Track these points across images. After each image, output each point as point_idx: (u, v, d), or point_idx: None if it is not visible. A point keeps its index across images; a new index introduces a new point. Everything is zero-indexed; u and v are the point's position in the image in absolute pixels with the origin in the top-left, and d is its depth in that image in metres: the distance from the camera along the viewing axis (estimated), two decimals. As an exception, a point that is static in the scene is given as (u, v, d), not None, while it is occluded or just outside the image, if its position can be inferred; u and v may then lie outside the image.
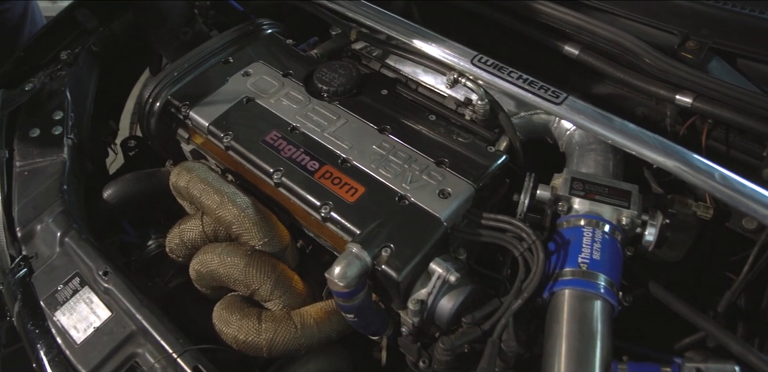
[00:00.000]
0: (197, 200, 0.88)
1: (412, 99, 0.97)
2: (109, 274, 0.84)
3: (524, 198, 0.83)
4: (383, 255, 0.75)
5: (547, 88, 0.82)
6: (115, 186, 1.00)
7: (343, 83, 0.94)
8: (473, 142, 0.88)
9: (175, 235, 0.93)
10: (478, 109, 0.89)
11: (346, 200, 0.81)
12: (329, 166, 0.85)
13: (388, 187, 0.82)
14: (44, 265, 0.88)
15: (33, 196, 0.95)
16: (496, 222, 0.80)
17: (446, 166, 0.84)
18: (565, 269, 0.75)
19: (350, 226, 0.78)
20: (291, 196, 0.85)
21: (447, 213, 0.78)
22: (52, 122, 1.02)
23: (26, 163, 0.98)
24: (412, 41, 0.92)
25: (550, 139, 0.98)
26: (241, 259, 0.82)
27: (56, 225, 0.91)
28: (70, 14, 1.12)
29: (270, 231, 0.85)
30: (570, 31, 0.90)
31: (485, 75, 0.85)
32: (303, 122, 0.91)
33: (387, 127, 0.90)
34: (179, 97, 0.98)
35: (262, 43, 1.07)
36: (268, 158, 0.87)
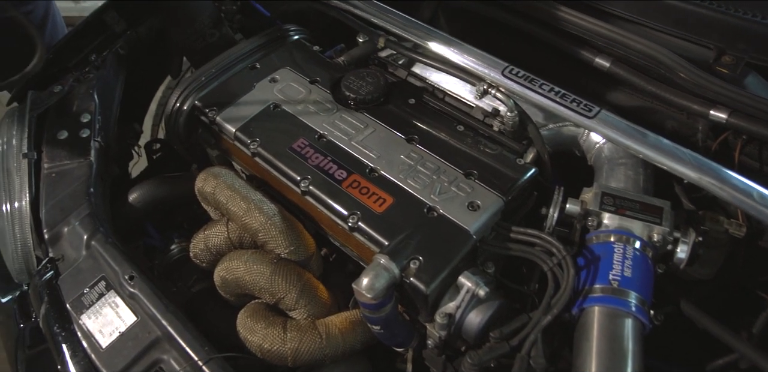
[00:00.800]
0: (223, 206, 0.88)
1: (439, 108, 0.96)
2: (134, 279, 0.84)
3: (553, 212, 0.83)
4: (411, 267, 0.74)
5: (580, 102, 0.81)
6: (140, 189, 1.00)
7: (370, 92, 0.94)
8: (502, 154, 0.87)
9: (199, 240, 0.93)
10: (507, 120, 0.89)
11: (374, 210, 0.80)
12: (357, 175, 0.85)
13: (416, 198, 0.81)
14: (71, 267, 0.89)
15: (60, 198, 0.95)
16: (526, 236, 0.79)
17: (475, 178, 0.83)
18: (595, 286, 0.74)
19: (378, 237, 0.78)
20: (318, 205, 0.85)
21: (476, 226, 0.78)
22: (79, 125, 1.03)
23: (54, 165, 0.99)
24: (442, 50, 0.92)
25: (578, 152, 0.97)
26: (267, 267, 0.82)
27: (83, 228, 0.91)
28: (99, 17, 1.13)
29: (296, 239, 0.84)
30: (602, 44, 0.89)
31: (516, 87, 0.84)
32: (330, 130, 0.91)
33: (415, 136, 0.89)
34: (206, 102, 0.98)
35: (289, 49, 1.07)
36: (295, 166, 0.87)
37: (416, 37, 0.95)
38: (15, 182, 0.98)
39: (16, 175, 0.98)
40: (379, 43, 0.99)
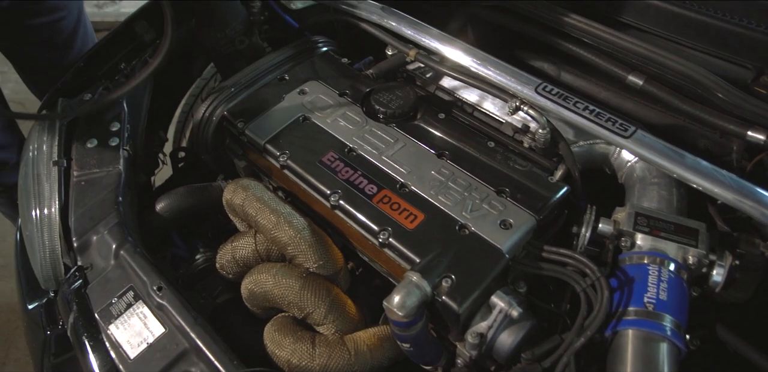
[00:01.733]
0: (252, 219, 0.88)
1: (468, 123, 0.96)
2: (163, 290, 0.84)
3: (585, 231, 0.82)
4: (443, 285, 0.74)
5: (615, 121, 0.80)
6: (168, 199, 1.01)
7: (400, 106, 0.94)
8: (533, 172, 0.86)
9: (226, 251, 0.93)
10: (538, 137, 0.88)
11: (406, 227, 0.80)
12: (387, 190, 0.84)
13: (448, 215, 0.81)
14: (99, 276, 0.89)
15: (89, 206, 0.96)
16: (558, 255, 0.79)
17: (507, 195, 0.83)
18: (630, 308, 0.73)
19: (409, 254, 0.77)
20: (347, 220, 0.84)
21: (509, 245, 0.77)
22: (109, 133, 1.04)
23: (83, 173, 1.00)
24: (473, 65, 0.91)
25: (608, 170, 0.96)
26: (296, 282, 0.81)
27: (112, 237, 0.91)
28: (129, 26, 1.14)
29: (325, 254, 0.84)
30: (636, 61, 0.88)
31: (549, 104, 0.84)
32: (360, 144, 0.91)
33: (445, 152, 0.89)
34: (235, 113, 0.98)
35: (318, 61, 1.07)
36: (325, 180, 0.87)
37: (447, 51, 0.95)
38: (45, 189, 0.98)
39: (46, 182, 0.99)
40: (409, 56, 0.99)
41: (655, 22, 0.90)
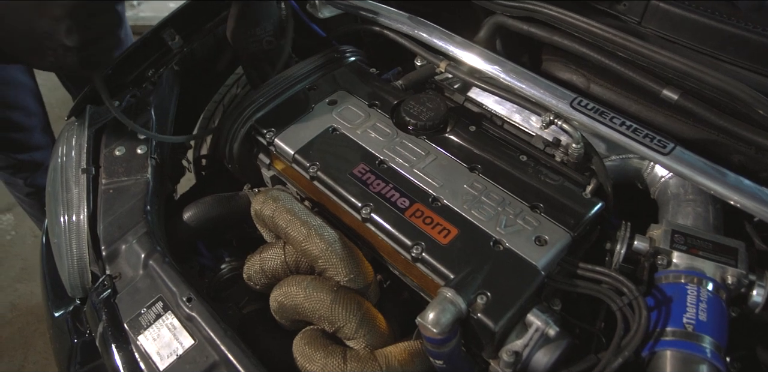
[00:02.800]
0: (282, 231, 0.88)
1: (499, 136, 0.95)
2: (192, 301, 0.84)
3: (620, 248, 0.81)
4: (479, 302, 0.73)
5: (653, 137, 0.79)
6: (195, 208, 1.01)
7: (431, 118, 0.93)
8: (567, 187, 0.85)
9: (255, 262, 0.93)
10: (572, 152, 0.87)
11: (439, 242, 0.79)
12: (420, 204, 0.84)
13: (482, 231, 0.80)
14: (128, 286, 0.89)
15: (117, 215, 0.96)
16: (594, 273, 0.78)
17: (541, 211, 0.82)
18: (668, 328, 0.72)
19: (443, 269, 0.77)
20: (378, 233, 0.84)
21: (544, 261, 0.76)
22: (136, 141, 1.04)
23: (111, 181, 1.00)
24: (506, 78, 0.91)
25: (641, 185, 0.95)
26: (328, 295, 0.81)
27: (140, 246, 0.91)
28: (157, 34, 1.14)
29: (356, 267, 0.84)
30: (671, 76, 0.87)
31: (585, 119, 0.83)
32: (391, 156, 0.90)
33: (477, 166, 0.88)
34: (264, 122, 0.98)
35: (346, 71, 1.07)
36: (356, 192, 0.86)
37: (478, 63, 0.94)
38: (73, 196, 0.98)
39: (75, 189, 0.99)
40: (440, 67, 0.99)
41: (691, 36, 0.89)
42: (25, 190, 1.59)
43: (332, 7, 1.14)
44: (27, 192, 1.60)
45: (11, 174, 1.54)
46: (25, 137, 1.50)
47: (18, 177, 1.55)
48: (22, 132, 1.48)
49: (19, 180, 1.56)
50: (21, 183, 1.56)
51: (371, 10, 1.06)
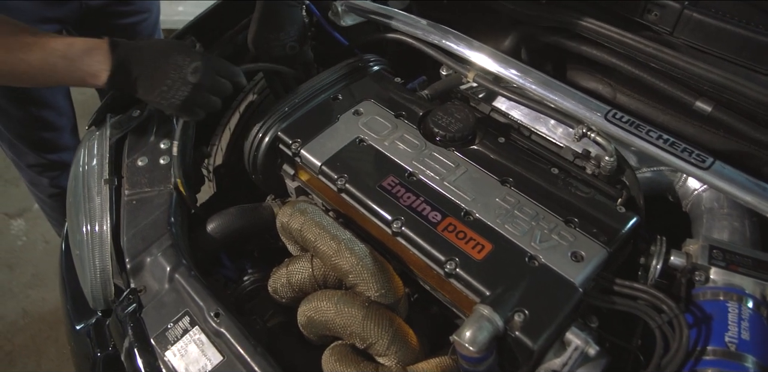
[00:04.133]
0: (311, 244, 0.86)
1: (528, 148, 0.94)
2: (221, 317, 0.82)
3: (656, 263, 0.80)
4: (516, 320, 0.71)
5: (691, 151, 0.78)
6: (219, 219, 0.99)
7: (460, 129, 0.92)
8: (601, 201, 0.84)
9: (281, 275, 0.92)
10: (605, 165, 0.86)
11: (474, 257, 0.78)
12: (452, 218, 0.82)
13: (516, 246, 0.79)
14: (153, 300, 0.88)
15: (141, 227, 0.95)
16: (631, 290, 0.76)
17: (576, 225, 0.81)
18: (709, 348, 0.71)
19: (478, 286, 0.75)
20: (410, 247, 0.82)
21: (581, 278, 0.75)
22: (159, 152, 1.03)
23: (134, 192, 0.99)
24: (537, 89, 0.89)
25: (672, 198, 0.94)
26: (359, 311, 0.79)
27: (165, 259, 0.90)
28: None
29: (387, 282, 0.82)
30: (708, 88, 0.86)
31: (620, 132, 0.82)
32: (421, 169, 0.89)
33: (509, 178, 0.87)
34: (289, 133, 0.97)
35: (371, 80, 1.06)
36: (387, 205, 0.85)
37: (507, 74, 0.93)
38: (96, 207, 0.97)
39: (98, 200, 0.98)
40: (468, 77, 0.97)
41: (725, 46, 0.87)
42: (49, 191, 1.59)
43: (355, 15, 1.13)
44: (50, 193, 1.60)
45: (38, 173, 1.54)
46: (55, 137, 1.50)
47: (44, 176, 1.55)
48: (53, 131, 1.48)
49: (45, 179, 1.56)
50: (46, 183, 1.56)
51: (396, 18, 1.05)
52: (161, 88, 0.90)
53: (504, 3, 1.05)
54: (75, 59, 0.86)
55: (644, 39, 0.88)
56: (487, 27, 1.09)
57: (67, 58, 0.86)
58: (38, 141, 1.46)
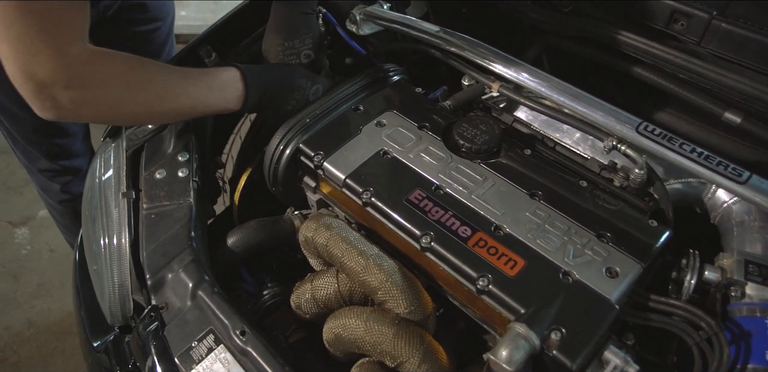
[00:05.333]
0: (338, 260, 0.85)
1: (554, 160, 0.93)
2: (246, 335, 0.81)
3: (690, 278, 0.79)
4: (553, 338, 0.70)
5: (727, 165, 0.77)
6: (239, 233, 0.97)
7: (486, 141, 0.91)
8: (632, 214, 0.83)
9: (305, 291, 0.90)
10: (635, 177, 0.85)
11: (506, 273, 0.76)
12: (482, 233, 0.81)
13: (549, 262, 0.77)
14: (176, 317, 0.86)
15: (161, 241, 0.93)
16: (667, 306, 0.75)
17: (608, 240, 0.79)
18: (750, 366, 0.70)
19: (512, 303, 0.74)
20: (440, 263, 0.81)
21: (617, 294, 0.74)
22: (177, 164, 1.01)
23: (153, 205, 0.97)
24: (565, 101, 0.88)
25: (699, 210, 0.93)
26: (390, 329, 0.78)
27: (187, 275, 0.88)
28: (193, 51, 1.11)
29: (416, 299, 0.81)
30: (738, 99, 0.85)
31: (653, 145, 0.81)
32: (448, 182, 0.87)
33: (538, 192, 0.86)
34: (311, 145, 0.95)
35: (392, 90, 1.04)
36: (414, 220, 0.83)
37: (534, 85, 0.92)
38: (114, 221, 0.95)
39: (115, 214, 0.96)
40: (492, 88, 0.96)
41: (754, 57, 0.86)
42: (60, 197, 1.57)
43: (373, 24, 1.12)
44: (61, 199, 1.58)
45: (49, 178, 1.52)
46: (69, 143, 1.49)
47: (55, 181, 1.54)
48: (66, 138, 1.48)
49: (56, 185, 1.54)
50: (57, 188, 1.55)
51: (417, 27, 1.03)
52: (286, 107, 0.99)
53: (526, 12, 1.04)
54: (219, 90, 0.92)
55: (672, 49, 0.87)
56: (507, 36, 1.08)
57: (213, 90, 0.91)
58: (51, 147, 1.45)
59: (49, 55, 0.74)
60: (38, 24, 0.73)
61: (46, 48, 0.74)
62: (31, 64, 0.74)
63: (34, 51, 0.74)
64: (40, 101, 0.78)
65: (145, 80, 0.85)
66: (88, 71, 0.78)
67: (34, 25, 0.73)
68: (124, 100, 0.84)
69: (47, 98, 0.77)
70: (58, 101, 0.77)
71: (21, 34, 0.73)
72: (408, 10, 1.18)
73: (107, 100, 0.82)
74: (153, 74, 0.86)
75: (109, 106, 0.84)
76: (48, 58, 0.74)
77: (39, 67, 0.74)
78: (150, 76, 0.86)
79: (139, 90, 0.84)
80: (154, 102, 0.86)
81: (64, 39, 0.76)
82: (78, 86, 0.78)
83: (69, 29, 0.76)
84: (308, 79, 1.01)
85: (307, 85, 1.00)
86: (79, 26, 0.79)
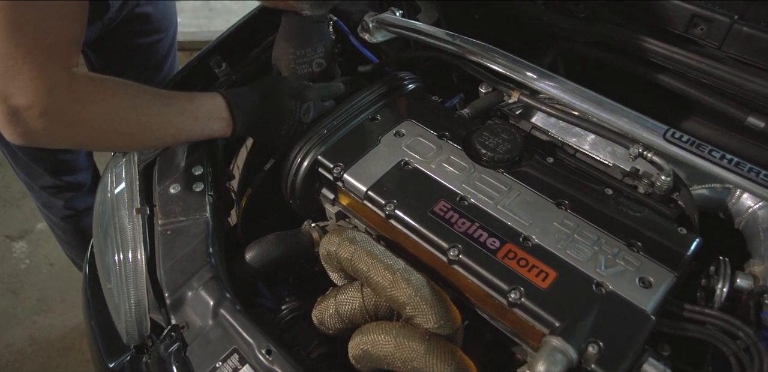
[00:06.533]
0: (363, 275, 0.83)
1: (576, 167, 0.92)
2: (273, 354, 0.78)
3: (722, 286, 0.78)
4: (590, 352, 0.69)
5: (758, 171, 0.76)
6: (258, 248, 0.95)
7: (510, 150, 0.89)
8: (660, 222, 0.82)
9: (329, 306, 0.88)
10: (660, 184, 0.84)
11: (538, 286, 0.75)
12: (511, 244, 0.80)
13: (581, 273, 0.76)
14: (198, 337, 0.83)
15: (178, 258, 0.90)
16: (702, 315, 0.74)
17: (639, 249, 0.78)
18: (789, 374, 0.69)
19: (546, 316, 0.73)
20: (468, 276, 0.79)
21: (653, 305, 0.73)
22: (192, 178, 0.98)
23: (169, 221, 0.94)
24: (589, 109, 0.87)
25: (723, 215, 0.92)
26: (421, 345, 0.76)
27: (208, 293, 0.86)
28: (204, 61, 1.09)
29: (445, 313, 0.79)
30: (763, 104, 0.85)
31: (681, 152, 0.80)
32: (472, 192, 0.86)
33: (564, 201, 0.85)
34: (330, 157, 0.93)
35: (409, 99, 1.03)
36: (441, 232, 0.82)
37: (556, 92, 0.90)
38: (128, 238, 0.93)
39: (130, 231, 0.93)
40: (513, 96, 0.95)
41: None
42: (62, 213, 1.54)
43: (386, 32, 1.10)
44: (64, 215, 1.54)
45: (52, 194, 1.49)
46: (73, 158, 1.46)
47: (59, 198, 1.50)
48: (71, 153, 1.45)
49: (60, 201, 1.51)
50: (60, 205, 1.51)
51: (431, 34, 1.02)
52: (280, 131, 0.96)
53: (542, 17, 1.03)
54: (204, 120, 0.88)
55: (695, 54, 0.87)
56: (521, 43, 1.07)
57: (198, 119, 0.87)
58: (55, 163, 1.41)
59: (31, 78, 0.69)
60: (27, 45, 0.69)
61: (29, 71, 0.69)
62: (7, 86, 0.69)
63: (15, 72, 0.69)
64: (11, 126, 0.72)
65: (128, 108, 0.79)
66: (69, 98, 0.73)
67: (23, 45, 0.68)
68: (105, 128, 0.78)
69: (19, 123, 0.71)
70: (31, 127, 0.72)
71: (5, 53, 0.68)
72: (419, 17, 1.17)
73: (86, 129, 0.77)
74: (137, 101, 0.80)
75: (87, 134, 0.78)
76: (29, 82, 0.69)
77: (16, 90, 0.69)
78: (134, 102, 0.80)
79: (121, 119, 0.79)
80: (135, 131, 0.81)
81: (52, 65, 0.71)
82: (56, 113, 0.72)
83: (60, 55, 0.72)
84: (297, 100, 0.95)
85: (296, 106, 0.95)
86: (72, 51, 0.75)
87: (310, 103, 0.97)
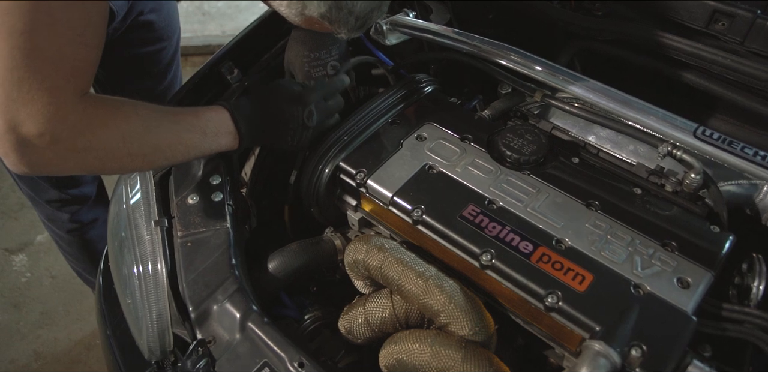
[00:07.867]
0: (394, 283, 0.81)
1: (601, 167, 0.91)
2: (305, 367, 0.77)
3: (759, 284, 0.77)
4: (633, 355, 0.68)
5: (791, 168, 0.75)
6: (280, 258, 0.93)
7: (535, 151, 0.88)
8: (692, 220, 0.81)
9: (357, 315, 0.86)
10: (690, 182, 0.83)
11: (575, 289, 0.74)
12: (544, 247, 0.78)
13: (618, 275, 0.75)
14: (226, 352, 0.81)
15: (201, 271, 0.88)
16: (741, 314, 0.73)
17: (674, 249, 0.78)
18: (833, 372, 0.69)
19: (586, 320, 0.71)
20: (502, 280, 0.78)
21: (693, 305, 0.72)
22: (210, 188, 0.96)
23: (188, 233, 0.92)
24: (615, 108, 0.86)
25: (750, 211, 0.91)
26: (457, 353, 0.75)
27: (234, 306, 0.84)
28: (215, 68, 1.06)
29: (480, 320, 0.78)
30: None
31: (713, 150, 0.79)
32: (501, 195, 0.85)
33: (594, 202, 0.83)
34: (352, 162, 0.92)
35: (427, 102, 1.01)
36: (472, 237, 0.80)
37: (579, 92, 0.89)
38: (147, 251, 0.90)
39: (148, 244, 0.91)
40: (535, 97, 0.94)
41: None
42: (68, 226, 1.50)
43: (399, 34, 1.09)
44: (69, 228, 1.51)
45: (58, 208, 1.45)
46: None
47: (64, 211, 1.47)
48: None
49: (65, 214, 1.47)
50: (66, 218, 1.48)
51: (447, 35, 1.00)
52: (286, 138, 0.94)
53: (559, 16, 1.02)
54: (212, 135, 0.86)
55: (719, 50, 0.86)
56: (536, 42, 1.06)
57: (207, 135, 0.85)
58: (60, 177, 1.38)
59: (44, 105, 0.66)
60: (44, 72, 0.65)
61: (43, 97, 0.66)
62: (18, 113, 0.66)
63: (29, 99, 0.66)
64: (18, 155, 0.68)
65: (141, 130, 0.76)
66: (83, 124, 0.70)
67: (40, 71, 0.65)
68: (117, 151, 0.75)
69: (26, 152, 0.68)
70: (41, 156, 0.69)
71: (21, 78, 0.65)
72: (432, 18, 1.16)
73: (97, 154, 0.74)
74: (148, 122, 0.78)
75: (99, 158, 0.74)
76: (41, 109, 0.66)
77: (27, 118, 0.66)
78: (146, 123, 0.77)
79: (134, 141, 0.76)
80: (147, 152, 0.78)
81: (68, 92, 0.68)
82: (67, 139, 0.69)
83: (76, 82, 0.69)
84: (297, 105, 0.93)
85: (298, 111, 0.93)
86: (88, 77, 0.72)
87: (312, 106, 0.94)
